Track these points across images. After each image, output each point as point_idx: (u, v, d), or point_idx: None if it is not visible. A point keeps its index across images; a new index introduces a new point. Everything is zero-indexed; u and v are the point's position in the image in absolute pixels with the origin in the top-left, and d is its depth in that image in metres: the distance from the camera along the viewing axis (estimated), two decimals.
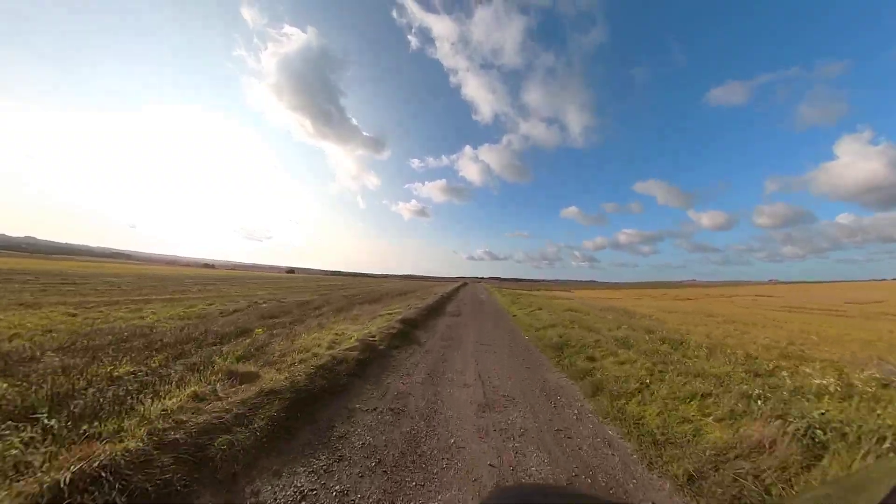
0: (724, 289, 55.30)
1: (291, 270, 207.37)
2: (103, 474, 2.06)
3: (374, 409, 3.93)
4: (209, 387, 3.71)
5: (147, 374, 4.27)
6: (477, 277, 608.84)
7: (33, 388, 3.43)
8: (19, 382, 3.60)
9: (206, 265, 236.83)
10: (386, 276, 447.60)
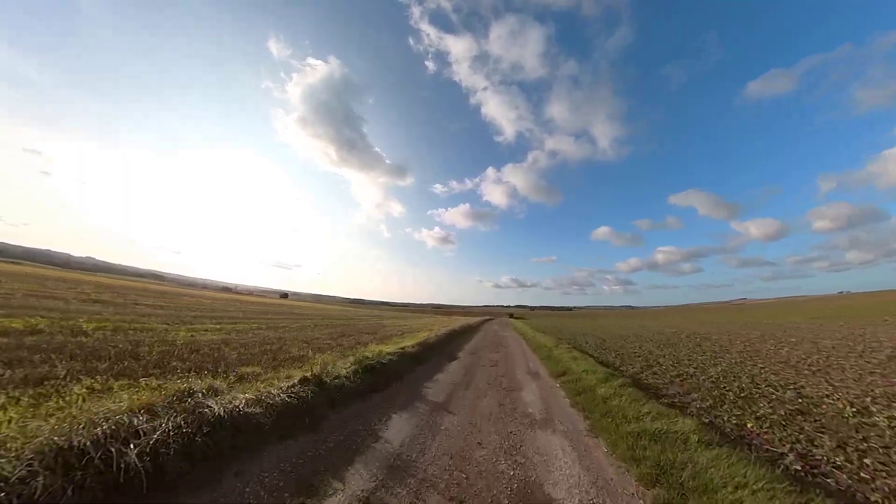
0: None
1: (285, 295, 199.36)
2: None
3: None
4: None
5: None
6: (503, 306, 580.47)
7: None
8: None
9: (226, 289, 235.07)
10: (407, 306, 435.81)
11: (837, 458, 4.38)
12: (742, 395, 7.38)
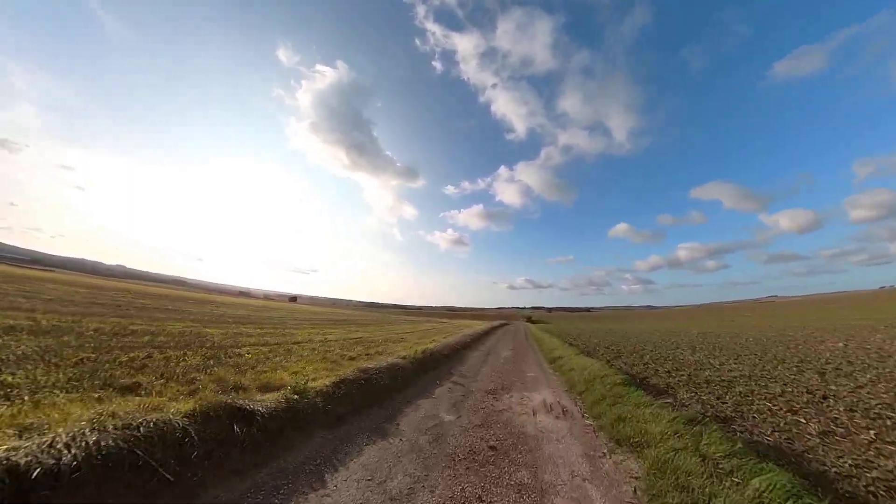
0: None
1: (294, 299, 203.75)
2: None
3: None
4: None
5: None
6: (518, 308, 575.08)
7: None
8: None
9: (242, 293, 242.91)
10: (421, 309, 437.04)
11: None
12: None
